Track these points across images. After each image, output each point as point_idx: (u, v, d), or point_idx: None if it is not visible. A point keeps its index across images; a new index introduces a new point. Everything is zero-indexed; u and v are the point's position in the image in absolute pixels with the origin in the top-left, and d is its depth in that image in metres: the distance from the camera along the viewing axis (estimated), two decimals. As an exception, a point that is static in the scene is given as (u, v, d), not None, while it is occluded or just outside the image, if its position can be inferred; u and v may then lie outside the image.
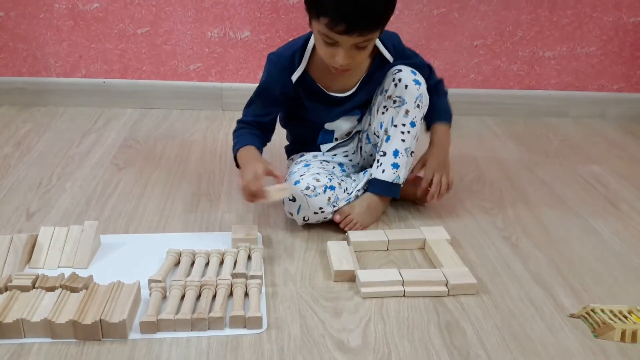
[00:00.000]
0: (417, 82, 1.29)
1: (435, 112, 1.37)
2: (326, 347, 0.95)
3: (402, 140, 1.31)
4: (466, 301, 1.09)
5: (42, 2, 1.90)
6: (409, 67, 1.31)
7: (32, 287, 1.01)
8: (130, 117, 1.96)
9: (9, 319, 0.93)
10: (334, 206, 1.28)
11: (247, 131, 1.33)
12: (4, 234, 1.14)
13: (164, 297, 1.03)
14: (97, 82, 2.02)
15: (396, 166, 1.31)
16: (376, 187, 1.32)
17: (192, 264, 1.15)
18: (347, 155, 1.46)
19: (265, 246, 1.23)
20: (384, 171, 1.31)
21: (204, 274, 1.10)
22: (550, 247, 1.29)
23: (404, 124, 1.30)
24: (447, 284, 1.10)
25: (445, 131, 1.39)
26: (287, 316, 1.02)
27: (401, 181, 1.33)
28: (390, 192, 1.33)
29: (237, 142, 1.31)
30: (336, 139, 1.43)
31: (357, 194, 1.33)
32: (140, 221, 1.32)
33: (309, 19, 1.19)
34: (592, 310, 1.06)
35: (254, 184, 1.18)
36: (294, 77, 1.29)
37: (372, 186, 1.32)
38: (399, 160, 1.31)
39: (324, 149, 1.44)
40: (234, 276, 1.09)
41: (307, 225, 1.30)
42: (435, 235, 1.27)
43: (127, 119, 1.95)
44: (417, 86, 1.29)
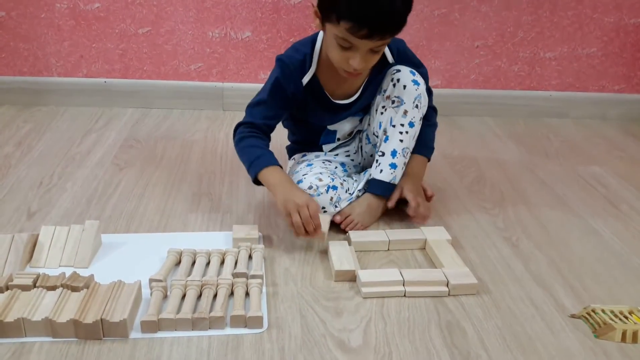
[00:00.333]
0: (416, 83, 1.29)
1: (417, 144, 1.36)
2: (327, 347, 0.95)
3: (401, 140, 1.31)
4: (467, 301, 1.09)
5: (43, 1, 1.90)
6: (408, 68, 1.31)
7: (33, 286, 1.02)
8: (131, 117, 1.96)
9: (10, 318, 0.93)
10: (336, 206, 1.29)
11: (261, 141, 1.28)
12: (5, 233, 1.14)
13: (165, 297, 1.03)
14: (98, 82, 2.02)
15: (394, 166, 1.31)
16: (375, 187, 1.32)
17: (193, 263, 1.15)
18: (349, 154, 1.46)
19: (266, 246, 1.23)
20: (382, 171, 1.31)
21: (204, 274, 1.10)
22: (550, 248, 1.29)
23: (402, 124, 1.30)
24: (447, 284, 1.10)
25: (422, 164, 1.40)
26: (287, 316, 1.02)
27: (397, 181, 1.33)
28: (388, 191, 1.33)
29: (258, 156, 1.25)
30: (338, 139, 1.44)
31: (357, 194, 1.33)
32: (141, 221, 1.32)
33: (320, 22, 1.18)
34: (593, 310, 1.06)
35: (311, 225, 1.16)
36: (305, 80, 1.29)
37: (371, 186, 1.32)
38: (397, 160, 1.31)
39: (327, 149, 1.44)
40: (235, 276, 1.09)
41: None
42: (435, 235, 1.27)
43: (128, 119, 1.95)
44: (416, 86, 1.29)
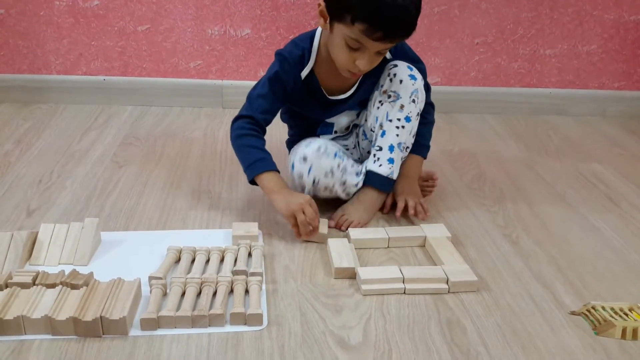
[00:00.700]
0: (413, 77, 1.29)
1: (413, 143, 1.36)
2: (327, 344, 0.95)
3: (397, 135, 1.30)
4: (467, 298, 1.09)
5: (42, -1, 1.90)
6: (406, 63, 1.31)
7: (33, 284, 1.02)
8: (130, 115, 1.96)
9: (9, 316, 0.92)
10: (343, 183, 1.29)
11: (260, 141, 1.28)
12: (5, 231, 1.14)
13: (165, 294, 1.03)
14: (97, 80, 2.02)
15: (391, 161, 1.31)
16: (372, 179, 1.32)
17: (193, 261, 1.15)
18: (347, 149, 1.46)
19: (265, 243, 1.23)
20: (380, 165, 1.31)
21: (204, 271, 1.10)
22: (550, 245, 1.29)
23: (398, 119, 1.30)
24: (447, 281, 1.10)
25: (417, 164, 1.40)
26: (287, 313, 1.02)
27: (394, 177, 1.33)
28: (385, 186, 1.33)
29: (258, 159, 1.26)
30: (335, 132, 1.44)
31: (360, 183, 1.32)
32: (140, 218, 1.31)
33: (328, 21, 1.18)
34: (593, 307, 1.06)
35: (315, 220, 1.20)
36: (303, 74, 1.30)
37: (368, 178, 1.32)
38: (394, 155, 1.31)
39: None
40: (235, 273, 1.09)
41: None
42: (435, 232, 1.27)
43: (127, 117, 1.94)
44: (413, 81, 1.29)
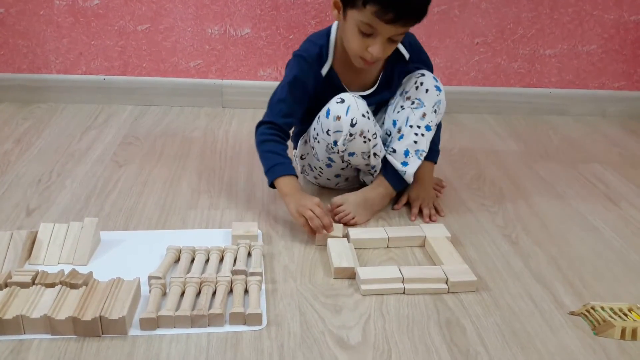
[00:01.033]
0: (438, 89, 1.33)
1: None
2: (326, 344, 0.95)
3: (415, 141, 1.32)
4: (466, 298, 1.09)
5: (42, -2, 1.90)
6: (432, 74, 1.35)
7: (32, 283, 1.02)
8: (130, 114, 1.96)
9: (8, 315, 0.92)
10: (374, 142, 1.28)
11: (281, 146, 1.29)
12: (4, 230, 1.14)
13: (164, 294, 1.03)
14: (97, 79, 2.01)
15: (405, 164, 1.32)
16: (390, 173, 1.33)
17: (192, 260, 1.14)
18: None
19: (265, 243, 1.23)
20: (394, 164, 1.33)
21: (203, 271, 1.10)
22: (550, 245, 1.29)
23: (419, 126, 1.31)
24: (447, 281, 1.10)
25: (430, 170, 1.43)
26: (287, 313, 1.02)
27: (406, 178, 1.33)
28: (397, 183, 1.34)
29: (277, 163, 1.27)
30: None
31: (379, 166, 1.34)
32: (140, 218, 1.31)
33: (342, 9, 1.20)
34: (592, 307, 1.06)
35: (325, 218, 1.21)
36: (324, 71, 1.32)
37: (387, 171, 1.33)
38: (409, 159, 1.32)
39: None
40: (234, 273, 1.09)
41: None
42: (435, 232, 1.27)
43: (127, 116, 1.94)
44: (438, 92, 1.32)
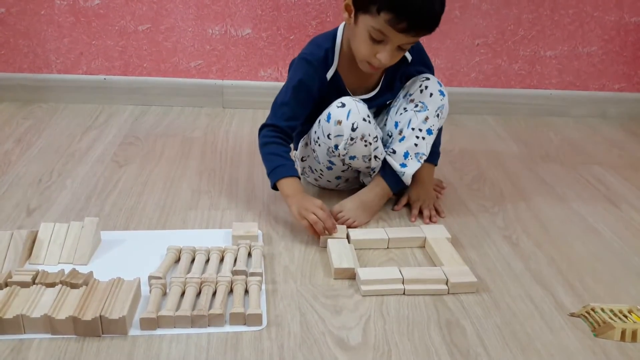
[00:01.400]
0: (442, 93, 1.33)
1: None
2: (326, 345, 0.95)
3: (415, 144, 1.31)
4: (466, 300, 1.09)
5: (43, -2, 1.90)
6: (436, 79, 1.35)
7: (32, 283, 1.02)
8: (131, 114, 1.96)
9: (9, 315, 0.93)
10: (375, 141, 1.28)
11: (283, 148, 1.29)
12: (5, 230, 1.14)
13: (164, 294, 1.03)
14: (97, 79, 2.01)
15: (404, 166, 1.32)
16: (388, 174, 1.33)
17: (193, 260, 1.15)
18: None
19: (265, 243, 1.23)
20: (393, 165, 1.33)
21: (204, 271, 1.10)
22: (550, 246, 1.29)
23: (420, 129, 1.31)
24: (447, 282, 1.10)
25: (431, 171, 1.44)
26: (287, 313, 1.02)
27: (404, 179, 1.33)
28: (394, 184, 1.34)
29: (279, 165, 1.27)
30: None
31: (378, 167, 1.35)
32: (140, 218, 1.31)
33: (353, 13, 1.20)
34: (592, 309, 1.06)
35: (328, 221, 1.22)
36: (329, 75, 1.31)
37: (385, 172, 1.33)
38: (408, 161, 1.32)
39: None
40: (234, 273, 1.09)
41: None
42: (435, 233, 1.27)
43: (127, 116, 1.94)
44: (442, 97, 1.32)
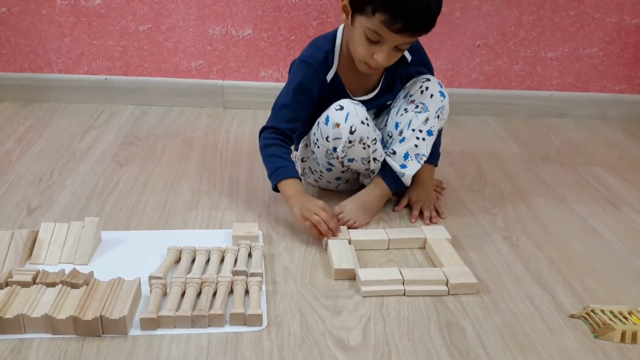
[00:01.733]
0: (443, 95, 1.33)
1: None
2: (326, 345, 0.95)
3: (415, 145, 1.32)
4: (466, 300, 1.09)
5: (44, -2, 1.90)
6: (437, 80, 1.35)
7: (33, 282, 1.02)
8: (131, 114, 1.96)
9: (9, 314, 0.93)
10: (374, 143, 1.28)
11: (284, 150, 1.29)
12: (5, 230, 1.14)
13: (165, 294, 1.03)
14: (98, 79, 2.02)
15: (404, 167, 1.32)
16: (388, 175, 1.33)
17: (193, 261, 1.15)
18: None
19: (265, 244, 1.23)
20: (393, 166, 1.33)
21: (204, 271, 1.10)
22: (550, 247, 1.29)
23: (420, 130, 1.31)
24: (447, 283, 1.10)
25: (431, 172, 1.44)
26: (287, 314, 1.02)
27: (404, 180, 1.33)
28: (393, 185, 1.34)
29: (280, 167, 1.27)
30: None
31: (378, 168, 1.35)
32: (141, 218, 1.32)
33: (350, 15, 1.20)
34: (592, 310, 1.06)
35: (332, 222, 1.22)
36: (329, 77, 1.31)
37: (384, 173, 1.33)
38: (408, 162, 1.32)
39: None
40: (235, 273, 1.09)
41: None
42: (435, 234, 1.27)
43: (128, 116, 1.94)
44: (442, 98, 1.32)
